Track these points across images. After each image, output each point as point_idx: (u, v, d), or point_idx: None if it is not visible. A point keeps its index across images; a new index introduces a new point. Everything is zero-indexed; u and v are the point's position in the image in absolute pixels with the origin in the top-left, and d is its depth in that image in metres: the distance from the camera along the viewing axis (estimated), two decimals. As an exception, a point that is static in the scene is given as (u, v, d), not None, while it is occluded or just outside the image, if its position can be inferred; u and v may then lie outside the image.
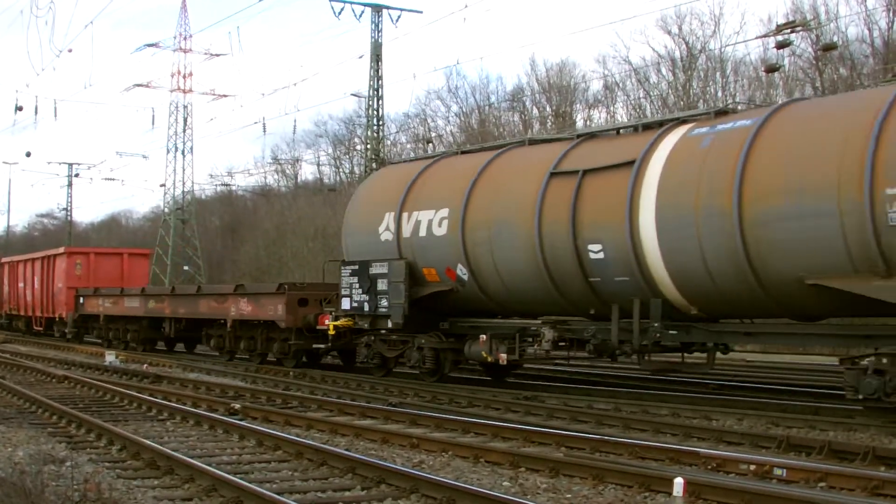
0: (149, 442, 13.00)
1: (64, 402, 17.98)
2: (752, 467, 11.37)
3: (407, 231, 22.21)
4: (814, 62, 47.06)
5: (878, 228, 14.24)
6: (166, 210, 74.50)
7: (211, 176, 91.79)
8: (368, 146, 54.69)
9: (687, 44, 53.77)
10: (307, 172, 79.26)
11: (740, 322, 17.93)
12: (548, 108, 63.17)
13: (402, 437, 14.07)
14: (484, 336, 20.72)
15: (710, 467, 11.67)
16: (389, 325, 22.31)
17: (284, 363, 27.26)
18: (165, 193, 74.25)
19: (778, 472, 11.15)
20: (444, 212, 21.37)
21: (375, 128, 53.86)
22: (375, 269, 22.60)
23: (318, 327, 25.17)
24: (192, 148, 73.02)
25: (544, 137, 23.19)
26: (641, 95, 56.01)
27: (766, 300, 16.26)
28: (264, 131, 76.11)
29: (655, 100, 55.12)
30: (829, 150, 15.11)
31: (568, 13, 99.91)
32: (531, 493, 10.58)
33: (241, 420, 16.02)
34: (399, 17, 52.53)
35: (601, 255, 18.21)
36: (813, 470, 11.03)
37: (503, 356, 20.23)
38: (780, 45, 35.28)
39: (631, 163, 17.91)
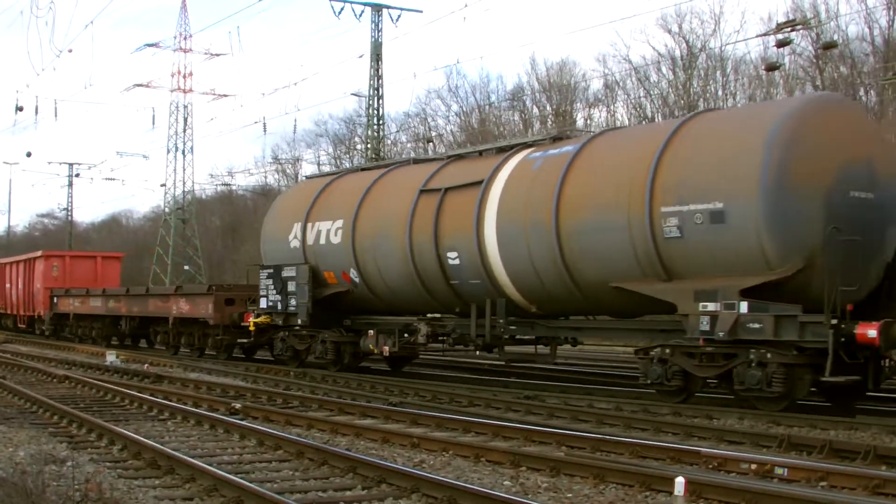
0: (150, 442, 13.00)
1: (65, 402, 17.98)
2: (754, 466, 11.37)
3: (310, 239, 25.53)
4: (814, 61, 47.08)
5: (657, 240, 17.24)
6: (167, 210, 74.51)
7: (211, 176, 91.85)
8: (369, 146, 54.73)
9: (687, 42, 53.82)
10: (307, 172, 79.12)
11: (566, 319, 21.00)
12: (548, 108, 63.20)
13: (402, 436, 14.07)
14: (371, 331, 24.05)
15: (711, 466, 11.66)
16: (298, 321, 25.59)
17: (219, 355, 30.43)
18: (166, 193, 74.30)
19: (779, 471, 11.15)
20: (340, 223, 24.63)
21: (376, 127, 53.89)
22: (286, 272, 25.93)
23: (243, 324, 28.18)
24: (192, 148, 73.02)
25: (424, 157, 27.09)
26: (642, 94, 56.06)
27: (583, 300, 19.52)
28: (265, 131, 76.25)
29: (656, 99, 55.15)
30: (622, 174, 18.16)
31: (568, 12, 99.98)
32: (532, 492, 10.58)
33: (241, 420, 16.02)
34: (399, 16, 52.62)
35: (458, 262, 21.35)
36: (814, 469, 11.03)
37: (386, 349, 23.71)
38: (781, 44, 35.31)
39: (480, 182, 21.02)
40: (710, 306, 16.69)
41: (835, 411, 16.10)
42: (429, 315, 22.97)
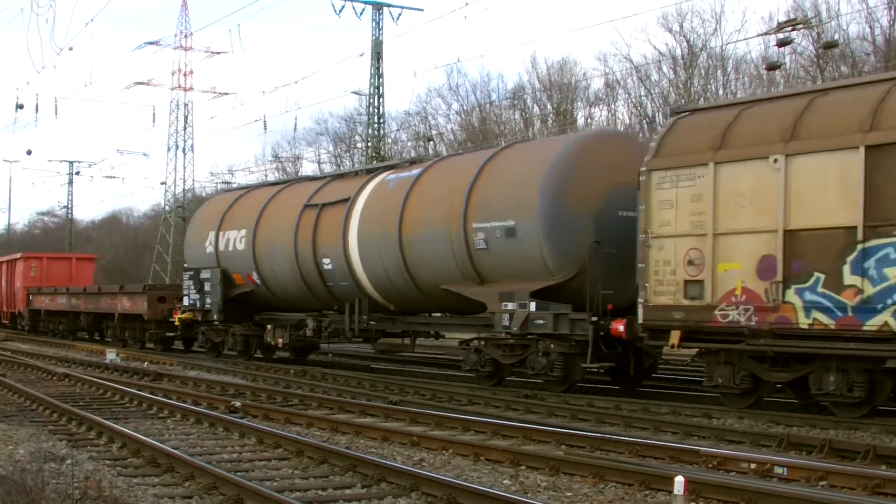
0: (149, 440, 13.00)
1: (64, 400, 17.99)
2: (753, 466, 11.38)
3: (222, 246, 29.34)
4: (815, 60, 47.09)
5: (470, 251, 20.76)
6: (167, 208, 74.48)
7: (212, 174, 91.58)
8: (369, 144, 54.73)
9: (688, 41, 53.83)
10: (307, 170, 79.09)
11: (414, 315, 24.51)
12: (549, 106, 63.22)
13: (402, 435, 14.07)
14: (269, 326, 27.96)
15: (710, 466, 11.67)
16: (214, 317, 29.41)
17: (155, 346, 34.05)
18: (166, 191, 74.32)
19: (779, 470, 11.15)
20: (244, 232, 28.42)
21: (376, 126, 53.88)
22: (203, 274, 29.80)
23: (170, 319, 32.09)
24: (192, 146, 72.96)
25: (313, 176, 32.22)
26: (643, 93, 56.06)
27: (424, 300, 23.23)
28: (265, 129, 75.92)
29: (657, 98, 55.14)
30: (447, 196, 21.62)
31: (569, 11, 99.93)
32: (531, 491, 10.58)
33: (241, 418, 16.03)
34: (400, 14, 52.59)
35: (330, 267, 24.99)
36: (814, 468, 11.03)
37: (280, 341, 27.55)
38: (782, 43, 35.29)
39: (347, 199, 24.66)
40: (510, 305, 20.17)
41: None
42: (314, 312, 26.79)
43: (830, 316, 15.12)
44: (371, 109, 54.07)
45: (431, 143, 64.42)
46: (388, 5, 52.25)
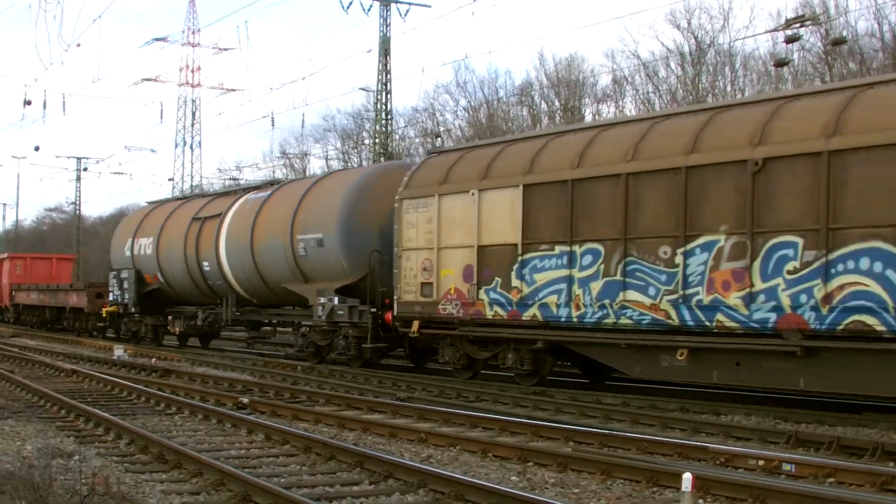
0: (157, 436, 13.02)
1: (72, 397, 18.01)
2: (761, 462, 11.37)
3: (136, 250, 35.34)
4: (823, 57, 46.96)
5: (296, 256, 26.22)
6: (174, 204, 74.52)
7: (219, 170, 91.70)
8: (377, 140, 54.67)
9: (696, 38, 53.67)
10: (315, 167, 79.01)
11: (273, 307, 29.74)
12: (556, 103, 63.12)
13: (410, 431, 14.08)
14: (170, 317, 33.80)
15: (718, 462, 11.66)
16: (132, 310, 35.29)
17: (95, 336, 38.84)
18: (174, 187, 74.43)
19: (786, 467, 11.14)
20: (151, 239, 34.35)
21: (384, 122, 53.81)
22: (122, 274, 35.76)
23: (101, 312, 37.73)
24: (200, 142, 73.31)
25: (203, 193, 37.91)
26: (650, 90, 55.95)
27: (273, 296, 28.60)
28: (272, 125, 76.58)
29: (664, 94, 55.04)
30: (283, 212, 27.03)
31: (576, 7, 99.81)
32: (539, 487, 10.58)
33: (249, 414, 16.04)
34: (407, 11, 52.47)
35: (209, 269, 30.70)
36: (822, 465, 11.02)
37: (177, 329, 33.55)
38: (790, 40, 35.18)
39: (220, 214, 30.46)
40: (322, 300, 25.17)
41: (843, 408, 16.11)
42: (203, 305, 32.32)
43: (504, 309, 20.18)
44: (379, 106, 54.01)
45: (439, 139, 64.39)
46: (396, 1, 52.17)
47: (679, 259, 16.97)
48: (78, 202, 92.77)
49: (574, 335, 18.95)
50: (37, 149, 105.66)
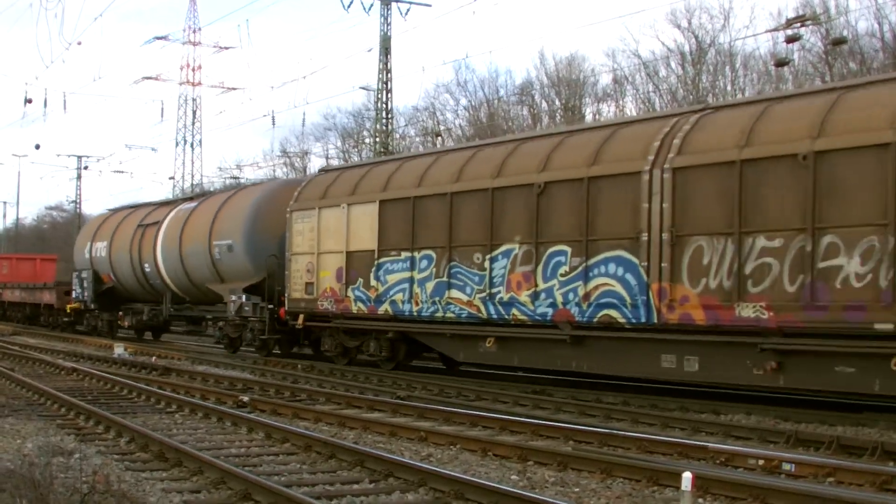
0: (157, 434, 13.03)
1: (72, 395, 18.01)
2: (761, 462, 11.37)
3: (94, 253, 39.28)
4: (823, 56, 46.97)
5: (213, 259, 29.99)
6: (175, 203, 74.58)
7: (220, 168, 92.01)
8: (377, 139, 54.70)
9: (696, 38, 53.69)
10: (316, 165, 79.09)
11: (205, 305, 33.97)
12: (557, 102, 63.14)
13: (410, 430, 14.09)
14: (121, 313, 37.90)
15: (718, 462, 11.67)
16: (91, 306, 39.41)
17: (65, 330, 42.60)
18: (174, 186, 74.50)
19: (786, 466, 11.14)
20: (105, 243, 38.32)
21: (384, 121, 53.85)
22: (83, 274, 39.81)
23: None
24: (200, 140, 73.38)
25: (150, 202, 40.06)
26: (651, 89, 55.98)
27: (201, 294, 32.29)
28: (273, 124, 76.42)
29: (665, 94, 55.05)
30: (203, 221, 31.31)
31: (577, 7, 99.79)
32: (539, 486, 10.59)
33: (249, 413, 16.05)
34: (408, 10, 52.58)
35: (149, 270, 34.68)
36: (821, 465, 11.02)
37: (126, 323, 37.49)
38: (790, 40, 35.23)
39: (158, 222, 34.47)
40: (233, 297, 29.01)
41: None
42: (149, 303, 36.36)
43: (365, 305, 23.88)
44: (379, 105, 54.05)
45: (440, 138, 64.39)
46: (397, 0, 52.24)
47: (487, 264, 20.58)
48: (78, 200, 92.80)
49: (415, 326, 22.88)
50: (37, 147, 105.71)
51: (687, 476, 8.48)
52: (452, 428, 14.59)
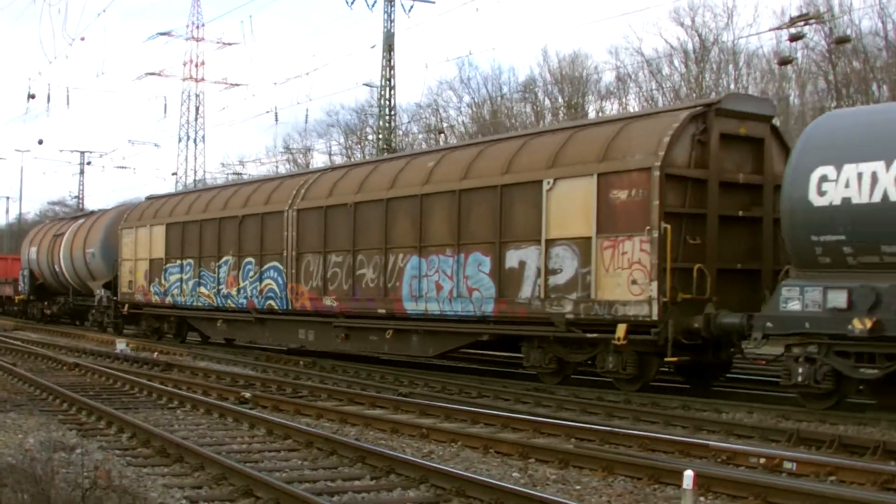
0: (159, 430, 13.03)
1: (74, 390, 18.02)
2: (762, 460, 11.36)
3: (31, 255, 47.79)
4: (827, 55, 46.95)
5: (87, 263, 38.65)
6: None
7: (223, 164, 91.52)
8: (380, 136, 54.67)
9: (700, 36, 53.72)
10: (319, 162, 79.10)
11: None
12: (560, 100, 63.14)
13: (411, 427, 14.09)
14: (46, 303, 47.09)
15: (719, 460, 11.66)
16: (30, 298, 48.62)
17: (12, 313, 52.62)
18: (177, 182, 74.44)
19: (788, 465, 11.13)
20: (36, 248, 46.81)
21: (387, 118, 53.83)
22: (24, 272, 48.72)
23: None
24: (203, 136, 73.26)
25: (64, 217, 50.33)
26: (654, 87, 55.96)
27: (87, 289, 41.30)
28: (276, 120, 75.70)
29: (668, 92, 55.02)
30: (88, 233, 39.62)
31: (581, 4, 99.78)
32: (540, 484, 10.58)
33: (251, 409, 16.05)
34: (412, 7, 52.53)
35: (59, 270, 43.34)
36: (823, 464, 11.01)
37: (48, 311, 46.58)
38: (794, 38, 35.16)
39: (63, 233, 43.17)
40: (98, 292, 38.60)
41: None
42: (62, 295, 45.27)
43: (161, 297, 33.15)
44: (382, 101, 54.03)
45: (442, 135, 64.38)
46: (400, -3, 52.18)
47: (217, 269, 29.66)
48: (81, 196, 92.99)
49: (185, 312, 32.29)
50: (40, 142, 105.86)
51: (688, 474, 8.47)
52: (454, 425, 14.58)
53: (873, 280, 14.92)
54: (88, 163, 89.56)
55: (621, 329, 17.53)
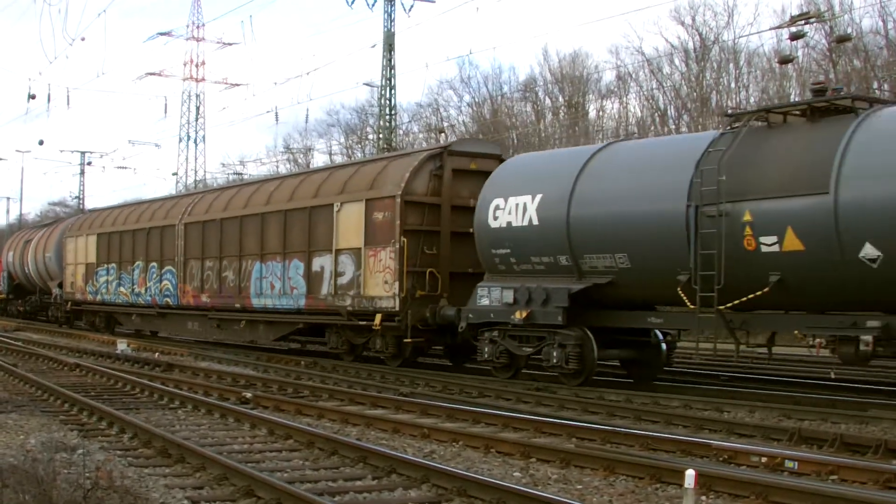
0: (160, 430, 13.04)
1: (76, 390, 18.03)
2: (764, 459, 11.35)
3: (7, 259, 53.76)
4: (828, 54, 46.91)
5: (46, 265, 46.57)
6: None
7: (223, 164, 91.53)
8: (381, 136, 54.68)
9: (700, 35, 53.66)
10: (319, 162, 79.11)
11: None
12: (560, 99, 63.12)
13: (413, 426, 14.08)
14: (21, 301, 53.21)
15: (721, 459, 11.65)
16: (9, 296, 54.61)
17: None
18: (178, 182, 74.54)
19: (789, 464, 11.12)
20: (12, 252, 52.17)
21: (388, 117, 53.83)
22: (4, 274, 53.79)
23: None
24: (204, 136, 73.31)
25: (35, 226, 56.62)
26: (654, 86, 55.92)
27: (49, 288, 47.82)
28: (276, 120, 75.90)
29: (668, 91, 55.00)
30: (43, 240, 47.90)
31: (581, 3, 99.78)
32: (542, 483, 10.58)
33: (252, 409, 16.05)
34: (412, 6, 52.56)
35: (27, 271, 49.49)
36: (825, 463, 11.00)
37: (21, 308, 52.74)
38: (794, 37, 34.98)
39: (31, 240, 49.54)
40: (56, 290, 43.89)
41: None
42: (34, 294, 51.48)
43: (93, 296, 39.01)
44: (383, 101, 54.04)
45: (443, 134, 64.31)
46: (400, -4, 52.19)
47: (132, 272, 35.83)
48: (82, 196, 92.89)
49: (110, 308, 38.51)
50: (41, 143, 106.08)
51: (690, 473, 8.47)
52: (455, 425, 14.58)
53: (527, 282, 20.00)
54: (89, 163, 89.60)
55: (378, 318, 22.85)
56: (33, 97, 55.61)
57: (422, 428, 13.88)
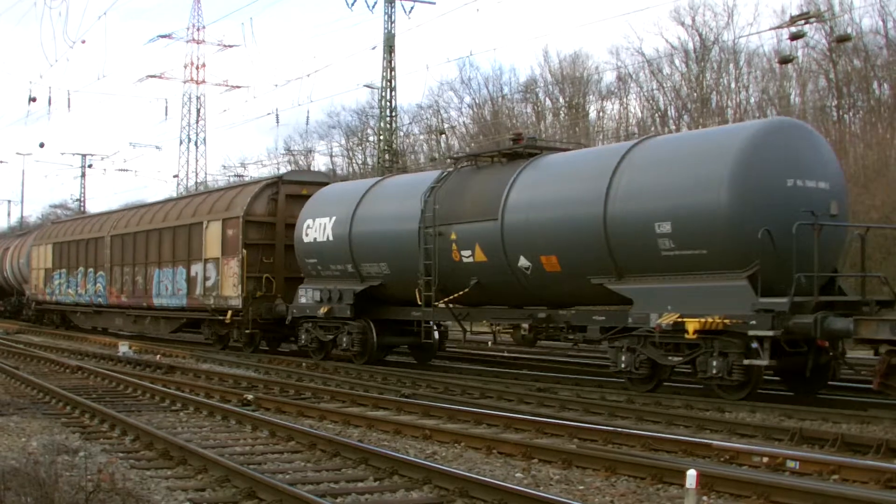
0: (162, 432, 13.05)
1: (77, 393, 18.03)
2: (765, 459, 11.36)
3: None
4: (827, 54, 46.94)
5: (20, 268, 51.09)
6: (178, 201, 74.70)
7: (224, 167, 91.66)
8: (381, 137, 54.68)
9: (700, 35, 53.68)
10: (320, 163, 79.14)
11: None
12: (561, 100, 63.14)
13: (414, 428, 14.09)
14: (2, 301, 57.35)
15: (722, 459, 11.66)
16: None
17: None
18: (178, 184, 74.59)
19: (791, 464, 11.13)
20: (7, 257, 54.52)
21: (388, 119, 53.82)
22: None
23: None
24: (205, 139, 73.40)
25: (13, 234, 62.62)
26: (655, 87, 55.94)
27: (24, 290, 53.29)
28: (277, 122, 76.38)
29: (668, 91, 55.00)
30: (19, 247, 52.29)
31: (581, 4, 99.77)
32: (544, 484, 10.59)
33: (253, 411, 16.05)
34: (412, 8, 52.61)
35: (7, 275, 53.73)
36: (826, 462, 11.01)
37: (2, 308, 57.22)
38: (794, 37, 35.13)
39: (9, 246, 54.80)
40: (29, 291, 48.45)
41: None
42: (15, 296, 55.49)
43: (51, 297, 43.87)
44: (383, 103, 54.04)
45: (444, 136, 64.39)
46: (401, -2, 52.21)
47: (76, 276, 40.62)
48: (83, 199, 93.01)
49: (62, 307, 43.25)
50: (42, 145, 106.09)
51: (691, 473, 8.48)
52: (457, 426, 14.58)
53: (329, 284, 25.62)
54: (90, 165, 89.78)
55: (229, 314, 28.81)
56: (34, 100, 55.65)
57: (424, 429, 13.89)
